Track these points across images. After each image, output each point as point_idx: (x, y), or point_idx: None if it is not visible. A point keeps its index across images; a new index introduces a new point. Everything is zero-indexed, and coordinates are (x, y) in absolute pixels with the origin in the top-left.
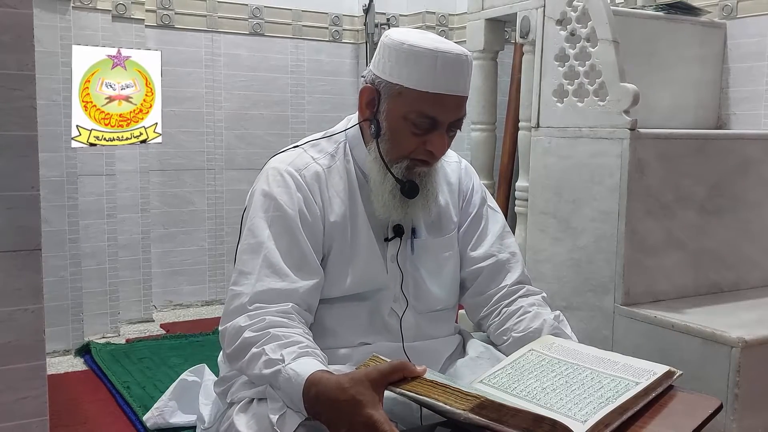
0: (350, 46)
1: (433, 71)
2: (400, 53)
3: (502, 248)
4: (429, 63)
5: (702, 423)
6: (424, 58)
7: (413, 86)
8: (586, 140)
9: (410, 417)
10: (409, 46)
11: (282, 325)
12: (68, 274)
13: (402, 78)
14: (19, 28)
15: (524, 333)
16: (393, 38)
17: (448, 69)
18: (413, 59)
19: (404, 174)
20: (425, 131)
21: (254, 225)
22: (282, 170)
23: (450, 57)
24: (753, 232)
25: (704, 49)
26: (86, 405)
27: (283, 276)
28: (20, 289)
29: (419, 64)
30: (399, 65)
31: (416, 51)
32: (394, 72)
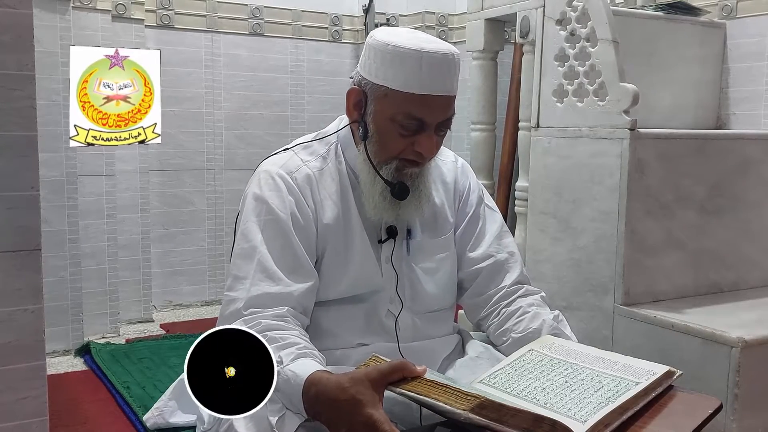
0: (350, 46)
1: (419, 72)
2: (384, 54)
3: (500, 248)
4: (414, 64)
5: (702, 423)
6: (408, 58)
7: (399, 88)
8: (586, 140)
9: (410, 417)
10: (393, 46)
11: (278, 329)
12: (68, 274)
13: (387, 79)
14: (19, 28)
15: (524, 333)
16: (378, 39)
17: (435, 69)
18: (398, 60)
19: (394, 175)
20: (413, 132)
21: (247, 229)
22: (273, 173)
23: (435, 57)
24: (753, 232)
25: (704, 49)
26: (86, 405)
27: (277, 280)
28: (20, 289)
29: (404, 65)
30: (384, 66)
31: (401, 52)
32: (380, 73)
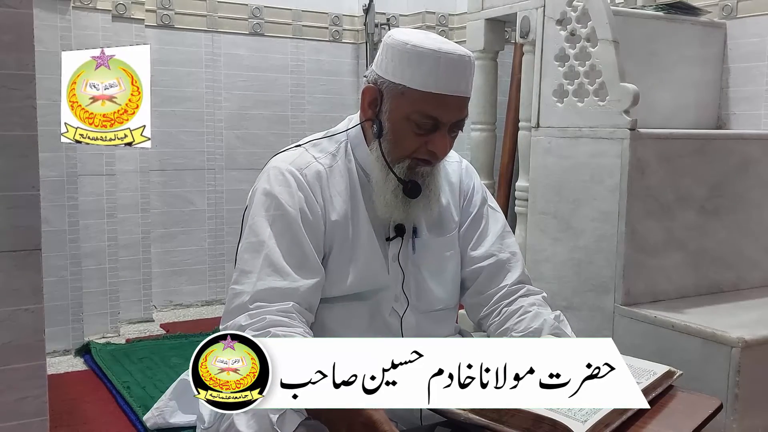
0: (350, 46)
1: (436, 71)
2: (403, 53)
3: (502, 248)
4: (432, 63)
5: (702, 423)
6: (427, 58)
7: (416, 86)
8: (586, 140)
9: (410, 417)
10: (412, 46)
11: (282, 324)
12: (68, 274)
13: (405, 78)
14: (19, 28)
15: (524, 333)
16: (396, 38)
17: (451, 69)
18: (416, 59)
19: (406, 174)
20: (427, 131)
21: (255, 224)
22: (283, 169)
23: (453, 58)
24: (753, 232)
25: (704, 49)
26: (86, 405)
27: (284, 275)
28: (20, 289)
29: (422, 65)
30: (402, 65)
31: (419, 51)
32: (397, 72)
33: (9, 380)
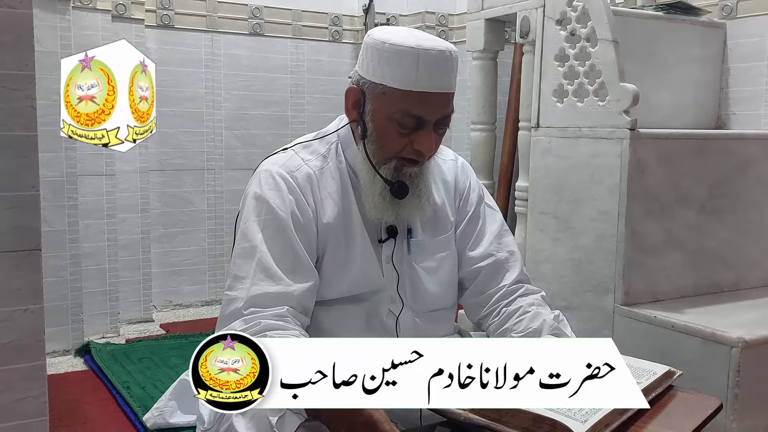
0: (350, 46)
1: (416, 69)
2: (382, 52)
3: (500, 247)
4: (411, 61)
5: (702, 423)
6: (405, 56)
7: (396, 85)
8: (586, 140)
9: (410, 417)
10: (390, 44)
11: (278, 329)
12: (68, 274)
13: (385, 77)
14: (19, 28)
15: (524, 333)
16: (375, 37)
17: (431, 66)
18: (395, 58)
19: (393, 175)
20: (411, 130)
21: (247, 229)
22: (273, 173)
23: (432, 54)
24: (753, 232)
25: (704, 49)
26: (86, 405)
27: (277, 279)
28: (20, 289)
29: (401, 63)
30: (381, 65)
31: (398, 49)
32: (377, 72)
33: (9, 380)
